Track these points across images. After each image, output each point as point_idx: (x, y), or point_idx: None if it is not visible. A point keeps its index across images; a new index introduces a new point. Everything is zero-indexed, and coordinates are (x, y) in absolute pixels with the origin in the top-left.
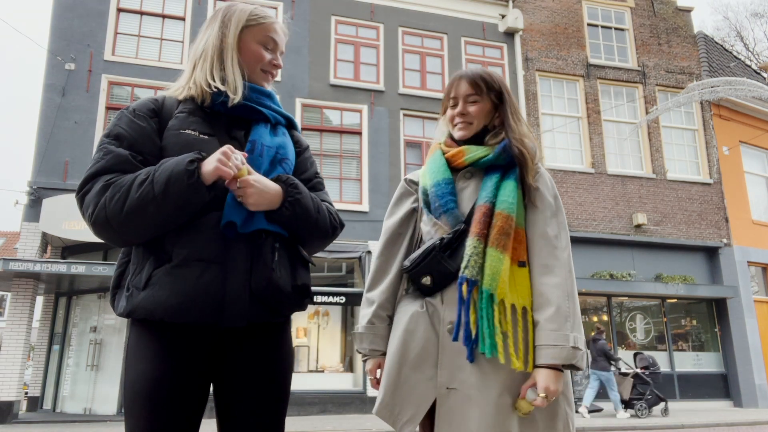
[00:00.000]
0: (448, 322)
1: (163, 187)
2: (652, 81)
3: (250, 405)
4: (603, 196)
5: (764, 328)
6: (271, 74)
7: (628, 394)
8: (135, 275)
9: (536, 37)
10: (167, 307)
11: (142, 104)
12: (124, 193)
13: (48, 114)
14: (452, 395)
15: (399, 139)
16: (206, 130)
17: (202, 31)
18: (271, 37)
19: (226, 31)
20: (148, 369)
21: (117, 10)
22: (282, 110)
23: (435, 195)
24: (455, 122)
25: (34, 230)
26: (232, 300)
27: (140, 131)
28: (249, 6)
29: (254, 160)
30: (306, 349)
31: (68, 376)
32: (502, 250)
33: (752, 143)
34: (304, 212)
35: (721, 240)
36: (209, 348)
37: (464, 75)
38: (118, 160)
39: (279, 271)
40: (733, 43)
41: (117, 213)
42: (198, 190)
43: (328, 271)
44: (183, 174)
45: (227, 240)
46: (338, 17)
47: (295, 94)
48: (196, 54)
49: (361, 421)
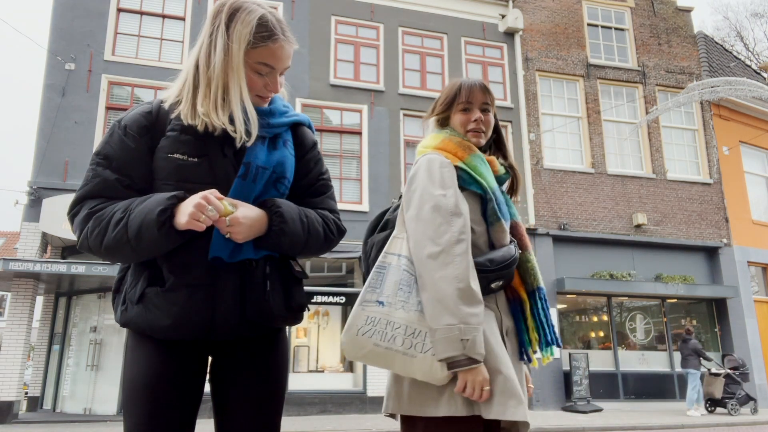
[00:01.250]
0: (506, 328)
1: (135, 233)
2: (652, 81)
3: (245, 406)
4: (603, 196)
5: (764, 328)
6: (266, 98)
7: (720, 393)
8: (131, 287)
9: (536, 37)
10: (159, 327)
11: (134, 120)
12: (102, 229)
13: (48, 114)
14: None
15: (399, 139)
16: (197, 151)
17: (205, 31)
18: (268, 65)
19: (229, 49)
20: (146, 369)
21: (117, 10)
22: (283, 119)
23: (501, 201)
24: (471, 128)
25: (34, 230)
26: (221, 322)
27: (129, 153)
28: (254, 15)
29: (246, 186)
30: (306, 349)
31: (68, 376)
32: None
33: (752, 143)
34: (290, 240)
35: (721, 240)
36: (204, 350)
37: (478, 82)
38: (104, 185)
39: (272, 300)
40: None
41: (97, 247)
42: (169, 238)
43: (328, 271)
44: (153, 224)
45: (216, 267)
46: (338, 17)
47: (295, 94)
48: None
49: (361, 421)
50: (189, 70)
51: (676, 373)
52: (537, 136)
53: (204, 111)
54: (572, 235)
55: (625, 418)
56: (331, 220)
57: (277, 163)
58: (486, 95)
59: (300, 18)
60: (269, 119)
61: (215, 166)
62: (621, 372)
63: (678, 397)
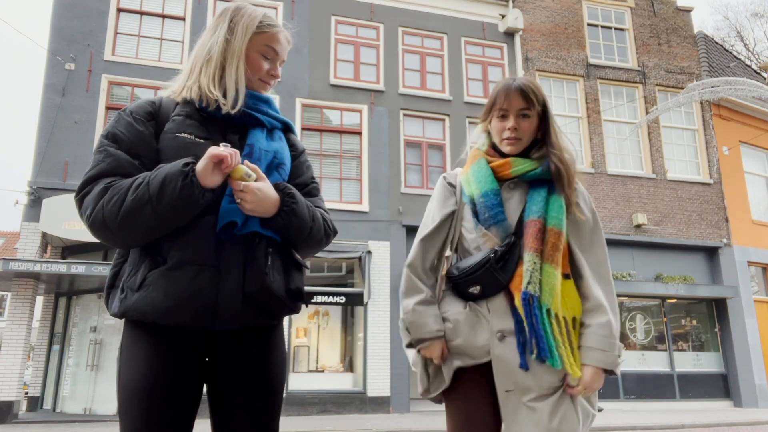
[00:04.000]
0: (497, 331)
1: (159, 188)
2: (652, 81)
3: (243, 406)
4: (603, 196)
5: (764, 328)
6: (268, 84)
7: None
8: (130, 276)
9: (536, 37)
10: (160, 308)
11: (139, 106)
12: (121, 195)
13: (48, 114)
14: (511, 396)
15: (399, 139)
16: (202, 133)
17: (209, 30)
18: (273, 48)
19: (233, 36)
20: (142, 370)
21: (117, 10)
22: (279, 116)
23: (484, 205)
24: (505, 136)
25: (34, 230)
26: (225, 303)
27: (137, 135)
28: (258, 11)
29: (253, 163)
30: (306, 349)
31: (68, 376)
32: (556, 266)
33: (752, 143)
34: (299, 222)
35: (721, 240)
36: (202, 349)
37: (517, 86)
38: (117, 163)
39: (272, 275)
40: (733, 43)
41: (114, 215)
42: (192, 190)
43: (328, 271)
44: (178, 174)
45: (221, 243)
46: (338, 17)
47: (295, 94)
48: (200, 55)
49: (361, 421)
50: (192, 59)
51: (676, 373)
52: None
53: (204, 84)
54: None
55: (625, 418)
56: (327, 218)
57: (277, 151)
58: (526, 100)
59: (300, 18)
60: (268, 108)
61: None
62: (621, 372)
63: (678, 397)
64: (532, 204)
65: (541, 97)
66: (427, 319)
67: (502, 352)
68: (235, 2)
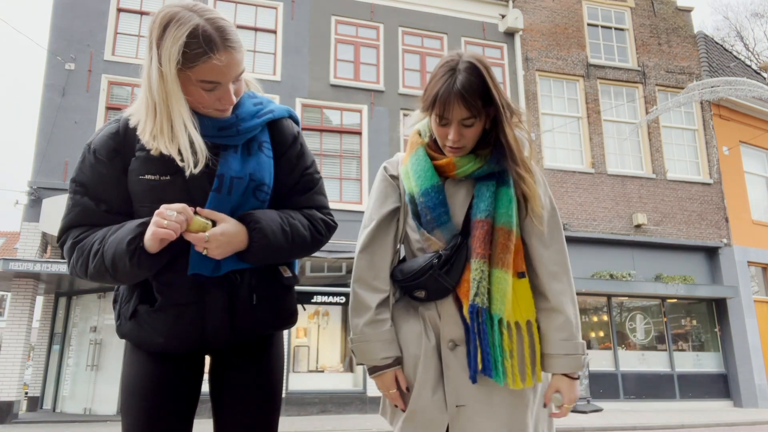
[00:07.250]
0: (448, 340)
1: (111, 264)
2: (652, 81)
3: (241, 406)
4: (603, 196)
5: (764, 328)
6: (224, 111)
7: None
8: (124, 302)
9: (536, 37)
10: (152, 343)
11: (102, 144)
12: (84, 260)
13: (48, 114)
14: (462, 413)
15: (399, 139)
16: (168, 169)
17: (146, 52)
18: (208, 81)
19: (161, 72)
20: (142, 373)
21: (117, 10)
22: (255, 122)
23: (426, 206)
24: (447, 144)
25: (34, 230)
26: (212, 336)
27: (100, 179)
28: (182, 29)
29: (222, 199)
30: (306, 349)
31: (68, 376)
32: (507, 269)
33: (752, 143)
34: (273, 253)
35: (721, 240)
36: (200, 355)
37: (458, 92)
38: (84, 213)
39: (261, 312)
40: (733, 43)
41: (84, 276)
42: (142, 265)
43: (328, 271)
44: (124, 254)
45: (201, 283)
46: (338, 17)
47: (295, 94)
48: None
49: (361, 421)
50: (142, 90)
51: (676, 373)
52: (537, 136)
53: (152, 140)
54: (572, 235)
55: (625, 418)
56: (318, 220)
57: (254, 171)
58: (468, 108)
59: (300, 18)
60: (237, 126)
61: (189, 182)
62: (621, 372)
63: (678, 397)
64: (479, 201)
65: (491, 96)
66: (374, 345)
67: (452, 362)
68: (166, 7)
